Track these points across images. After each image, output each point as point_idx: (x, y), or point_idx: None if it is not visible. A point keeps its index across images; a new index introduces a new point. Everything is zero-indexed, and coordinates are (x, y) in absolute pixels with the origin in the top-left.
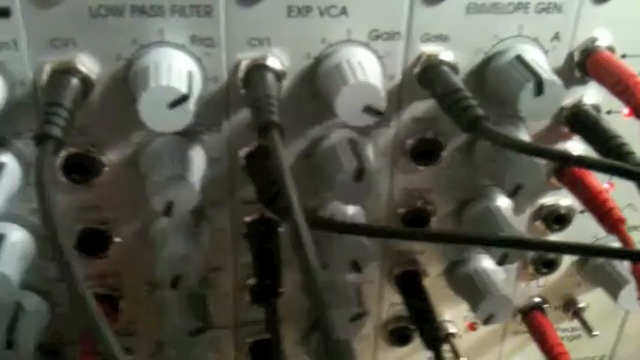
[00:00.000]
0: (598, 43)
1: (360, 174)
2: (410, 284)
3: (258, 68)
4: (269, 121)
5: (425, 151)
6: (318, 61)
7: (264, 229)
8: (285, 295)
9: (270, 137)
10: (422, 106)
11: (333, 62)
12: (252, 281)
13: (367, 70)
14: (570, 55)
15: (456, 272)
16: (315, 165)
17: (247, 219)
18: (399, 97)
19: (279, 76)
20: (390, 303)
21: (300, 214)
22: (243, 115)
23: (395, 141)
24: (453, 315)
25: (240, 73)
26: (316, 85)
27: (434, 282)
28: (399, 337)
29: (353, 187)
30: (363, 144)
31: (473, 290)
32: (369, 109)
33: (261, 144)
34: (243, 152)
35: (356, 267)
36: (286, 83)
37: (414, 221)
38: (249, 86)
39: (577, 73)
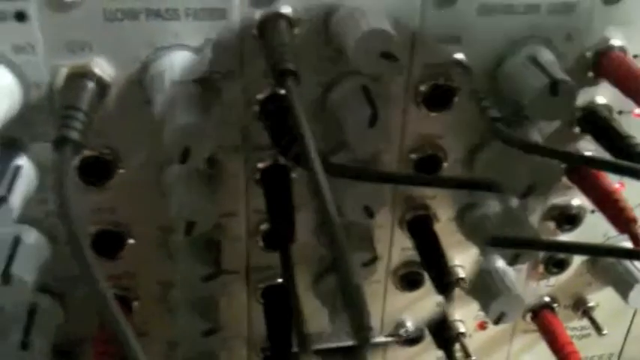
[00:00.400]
0: (610, 43)
1: (373, 119)
2: (421, 229)
3: (272, 17)
4: (285, 68)
5: (437, 98)
6: (334, 8)
7: (278, 175)
8: (297, 241)
9: (286, 84)
10: (434, 53)
11: (348, 9)
12: (265, 227)
13: (381, 16)
14: (582, 56)
15: (467, 217)
16: (328, 111)
17: (261, 165)
18: (412, 43)
19: (292, 23)
20: (401, 248)
21: (317, 160)
22: (259, 62)
23: (407, 88)
24: (464, 315)
25: (254, 23)
26: (330, 32)
27: (444, 227)
28: (409, 281)
29: (367, 132)
30: (376, 90)
31: (484, 290)
32: (385, 55)
33: (275, 91)
34: (257, 99)
35: (368, 212)
36: (299, 31)
37: (426, 167)
38: (264, 35)
39: (589, 74)
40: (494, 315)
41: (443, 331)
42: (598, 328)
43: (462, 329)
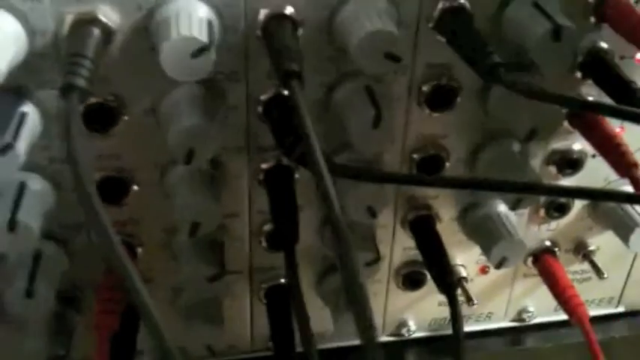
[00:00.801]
0: None
1: (377, 120)
2: (423, 229)
3: (277, 18)
4: (290, 70)
5: (440, 98)
6: (337, 9)
7: (282, 176)
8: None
9: (291, 86)
10: (437, 53)
11: (351, 10)
12: (268, 227)
13: (384, 17)
14: (585, 0)
15: (469, 217)
16: (332, 112)
17: (264, 166)
18: (415, 43)
19: (296, 24)
20: (403, 247)
21: (322, 161)
22: (263, 64)
23: (410, 87)
24: (465, 259)
25: (258, 24)
26: (333, 33)
27: (446, 227)
28: (411, 281)
29: (371, 133)
30: (379, 91)
31: (486, 234)
32: (389, 56)
33: (278, 92)
34: (261, 99)
35: (371, 212)
36: (303, 31)
37: (429, 167)
38: (268, 36)
39: (592, 19)
40: (496, 259)
41: (445, 276)
42: (599, 272)
43: (463, 274)
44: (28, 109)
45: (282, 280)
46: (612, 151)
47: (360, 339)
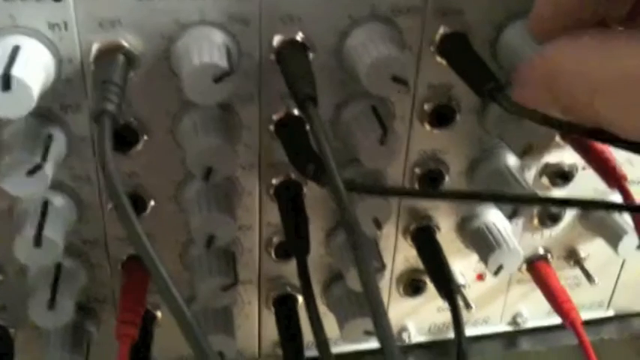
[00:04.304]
0: None
1: (384, 138)
2: (424, 239)
3: (290, 44)
4: (306, 94)
5: (440, 116)
6: (344, 35)
7: (292, 190)
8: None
9: (307, 109)
10: (438, 74)
11: (359, 36)
12: (277, 239)
13: (389, 43)
14: None
15: (467, 227)
16: (340, 130)
17: (274, 181)
18: (417, 66)
19: (308, 49)
20: (404, 256)
21: (339, 179)
22: (275, 86)
23: (412, 106)
24: (463, 267)
25: (272, 49)
26: (343, 57)
27: (446, 236)
28: (411, 288)
29: (378, 150)
30: (384, 110)
31: (483, 243)
32: (396, 79)
33: (290, 112)
34: (273, 119)
35: (377, 224)
36: (314, 56)
37: (429, 180)
38: (282, 60)
39: None
40: (494, 267)
41: (447, 283)
42: (589, 278)
43: (461, 281)
44: (54, 131)
45: (289, 289)
46: (601, 164)
47: (379, 343)
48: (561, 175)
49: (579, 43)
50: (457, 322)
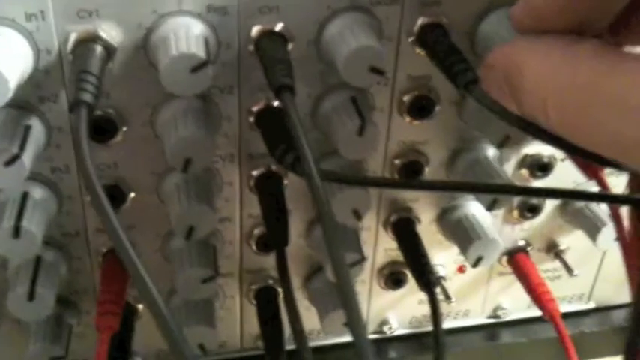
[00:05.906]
0: None
1: (362, 129)
2: (405, 231)
3: (268, 34)
4: (283, 84)
5: (420, 107)
6: (325, 25)
7: (272, 182)
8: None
9: (284, 99)
10: (417, 65)
11: (337, 27)
12: (258, 231)
13: (368, 33)
14: None
15: (447, 218)
16: (319, 121)
17: (255, 173)
18: (396, 56)
19: (287, 39)
20: (385, 248)
21: (314, 168)
22: (254, 77)
23: (392, 98)
24: (444, 259)
25: (251, 40)
26: (321, 48)
27: (426, 228)
28: (393, 280)
29: (357, 141)
30: (363, 101)
31: (463, 235)
32: (374, 70)
33: (269, 103)
34: (253, 110)
35: (357, 215)
36: (293, 46)
37: (409, 172)
38: (261, 51)
39: None
40: (473, 258)
41: (426, 274)
42: (569, 270)
43: (442, 273)
44: (33, 122)
45: (270, 282)
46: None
47: (351, 334)
48: (540, 167)
49: (544, 41)
50: (435, 314)
